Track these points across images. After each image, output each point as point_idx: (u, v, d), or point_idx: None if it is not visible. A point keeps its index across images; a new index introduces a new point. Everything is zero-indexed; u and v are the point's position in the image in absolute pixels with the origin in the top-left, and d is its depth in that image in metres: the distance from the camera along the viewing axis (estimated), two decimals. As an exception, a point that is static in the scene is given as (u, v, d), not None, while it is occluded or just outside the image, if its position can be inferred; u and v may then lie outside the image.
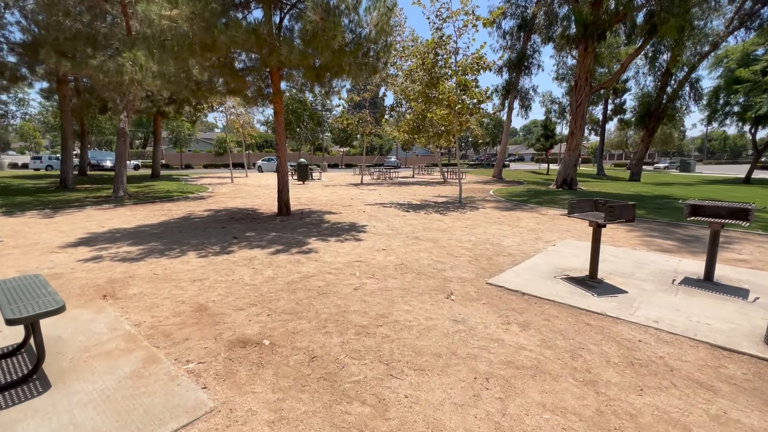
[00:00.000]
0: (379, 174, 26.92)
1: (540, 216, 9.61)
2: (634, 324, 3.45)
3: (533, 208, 11.15)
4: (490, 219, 9.11)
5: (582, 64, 16.99)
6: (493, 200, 13.10)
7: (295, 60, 7.00)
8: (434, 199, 13.23)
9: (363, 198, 13.37)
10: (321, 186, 18.67)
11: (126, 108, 12.54)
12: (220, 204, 11.38)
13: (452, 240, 6.83)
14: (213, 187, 17.64)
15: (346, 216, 9.28)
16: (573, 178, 18.14)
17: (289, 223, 8.18)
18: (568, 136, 18.31)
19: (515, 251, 6.07)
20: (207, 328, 3.33)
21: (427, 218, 9.10)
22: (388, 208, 10.70)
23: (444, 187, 19.04)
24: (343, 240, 6.73)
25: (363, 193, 14.98)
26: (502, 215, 9.70)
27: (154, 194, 13.49)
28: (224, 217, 8.97)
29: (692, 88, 31.66)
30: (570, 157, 18.15)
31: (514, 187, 18.63)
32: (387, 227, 7.94)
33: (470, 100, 10.90)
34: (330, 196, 13.74)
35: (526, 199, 13.39)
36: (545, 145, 36.19)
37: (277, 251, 5.91)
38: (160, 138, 22.25)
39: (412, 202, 12.23)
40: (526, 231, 7.73)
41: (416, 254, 5.82)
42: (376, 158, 59.59)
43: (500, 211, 10.50)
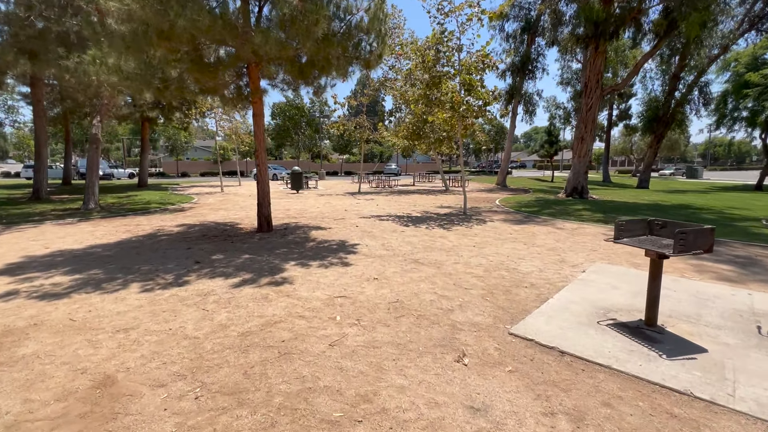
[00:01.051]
0: (378, 182, 25.84)
1: (557, 231, 8.46)
2: (744, 416, 2.29)
3: (547, 221, 10.00)
4: (500, 235, 7.96)
5: (592, 65, 15.96)
6: (501, 211, 11.96)
7: (272, 51, 5.92)
8: (436, 211, 12.10)
9: (358, 209, 12.24)
10: (315, 195, 17.57)
11: (99, 112, 11.49)
12: (199, 217, 10.26)
13: (459, 264, 5.68)
14: (200, 197, 16.55)
15: (336, 232, 8.14)
16: (584, 186, 17.01)
17: (268, 242, 7.04)
18: (578, 142, 17.21)
19: (538, 279, 4.91)
20: (94, 429, 2.17)
21: (428, 234, 7.96)
22: (384, 222, 9.56)
23: (446, 196, 17.92)
24: (328, 265, 5.58)
25: (359, 204, 13.86)
26: (513, 230, 8.55)
27: (131, 206, 12.38)
28: (196, 234, 7.84)
29: (701, 92, 30.67)
30: (580, 164, 17.03)
31: (521, 196, 17.49)
32: (382, 246, 6.80)
33: (476, 102, 9.81)
34: (323, 208, 12.62)
35: (536, 210, 12.24)
36: (549, 151, 35.12)
37: (243, 282, 4.76)
38: (147, 145, 21.25)
39: (412, 215, 11.10)
40: (545, 251, 6.57)
41: (415, 285, 4.67)
42: (376, 165, 58.59)
43: (511, 224, 9.36)
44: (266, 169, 7.73)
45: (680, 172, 54.58)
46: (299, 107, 36.11)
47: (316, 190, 20.85)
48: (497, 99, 10.32)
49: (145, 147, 21.21)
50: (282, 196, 16.79)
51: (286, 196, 17.22)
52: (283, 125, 36.61)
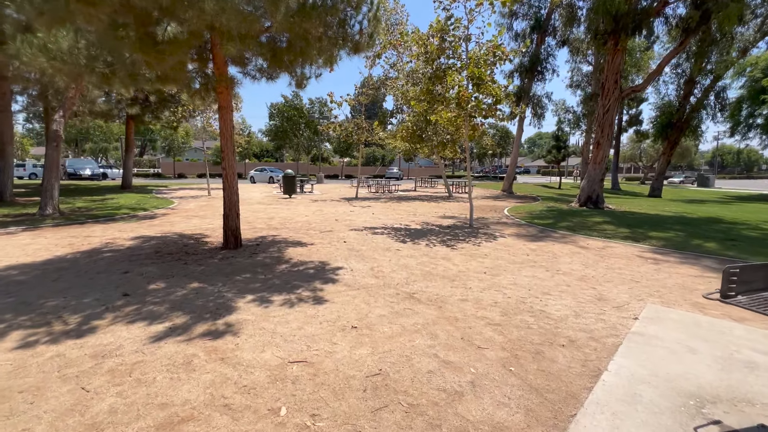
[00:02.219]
0: (378, 186, 24.54)
1: (581, 251, 7.11)
2: None
3: (566, 237, 8.65)
4: (516, 256, 6.61)
5: (611, 63, 14.65)
6: (511, 223, 10.61)
7: (233, 24, 4.63)
8: (438, 221, 10.76)
9: (351, 218, 10.92)
10: (308, 201, 16.26)
11: (63, 107, 10.24)
12: (166, 227, 8.96)
13: (468, 301, 4.34)
14: (182, 201, 15.27)
15: (318, 250, 6.82)
16: (599, 195, 15.65)
17: (230, 264, 5.72)
18: (594, 147, 15.87)
19: (577, 331, 3.57)
20: None
21: (428, 255, 6.62)
22: (378, 236, 8.23)
23: (450, 203, 16.58)
24: (295, 301, 4.25)
25: (353, 212, 12.54)
26: (530, 249, 7.19)
27: (98, 211, 11.10)
28: (149, 250, 6.52)
29: (717, 97, 29.28)
30: (596, 171, 15.67)
31: (530, 205, 16.13)
32: (370, 272, 5.46)
33: (485, 98, 8.49)
34: (311, 216, 11.30)
35: (551, 222, 10.88)
36: (557, 156, 33.76)
37: (170, 331, 3.44)
38: (132, 145, 20.04)
39: (411, 227, 9.76)
40: (574, 281, 5.22)
41: (408, 340, 3.33)
42: (378, 169, 57.37)
43: (526, 241, 8.01)
44: (234, 174, 6.42)
45: (690, 180, 53.06)
46: (298, 108, 34.90)
47: (310, 195, 19.56)
48: (510, 97, 9.01)
49: (129, 147, 19.98)
50: (271, 202, 15.49)
51: (276, 201, 15.92)
52: (281, 126, 35.38)
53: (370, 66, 19.35)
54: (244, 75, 6.84)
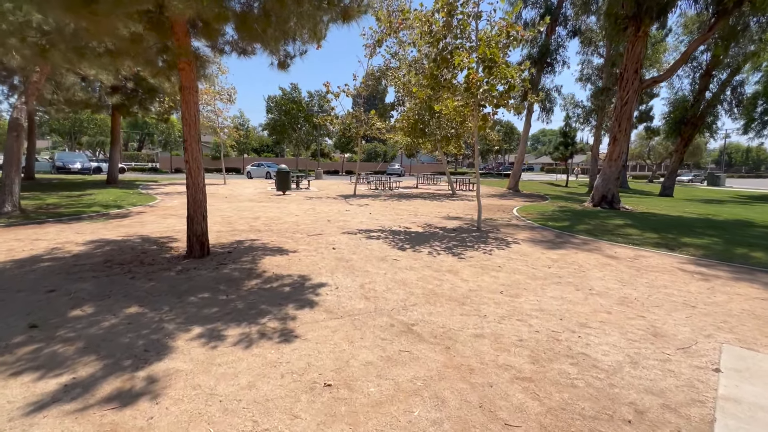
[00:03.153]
0: (378, 183, 23.45)
1: (611, 262, 6.04)
2: None
3: (588, 243, 7.58)
4: (535, 268, 5.55)
5: (631, 51, 13.48)
6: (523, 226, 9.54)
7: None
8: (442, 223, 9.69)
9: (345, 219, 9.86)
10: (302, 198, 15.20)
11: (26, 92, 9.19)
12: (134, 228, 7.92)
13: (484, 338, 3.29)
14: (166, 198, 14.24)
15: (301, 259, 5.77)
16: (615, 194, 14.54)
17: (188, 278, 4.68)
18: (609, 143, 14.74)
19: (639, 392, 2.51)
20: None
21: (432, 266, 5.57)
22: (373, 241, 7.17)
23: (454, 202, 15.49)
24: (255, 338, 3.21)
25: (349, 212, 11.48)
26: (550, 259, 6.13)
27: (66, 209, 10.07)
28: (100, 258, 5.49)
29: (734, 92, 27.98)
30: (611, 169, 14.56)
31: (540, 205, 15.03)
32: (360, 290, 4.42)
33: (499, 81, 7.36)
34: (302, 216, 10.25)
35: (567, 224, 9.81)
36: (565, 153, 32.55)
37: (62, 393, 2.40)
38: (118, 138, 18.97)
39: (411, 229, 8.70)
40: (615, 305, 4.17)
41: (403, 413, 2.28)
42: (379, 165, 56.22)
43: (543, 248, 6.94)
44: (199, 168, 5.36)
45: (699, 178, 51.75)
46: (296, 101, 33.73)
47: (306, 192, 18.50)
48: (526, 82, 7.91)
49: (115, 140, 18.92)
50: (262, 199, 14.44)
51: (267, 198, 14.87)
52: (279, 120, 34.27)
53: (369, 55, 18.27)
54: (214, 50, 5.76)
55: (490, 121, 7.90)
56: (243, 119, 49.21)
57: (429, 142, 20.94)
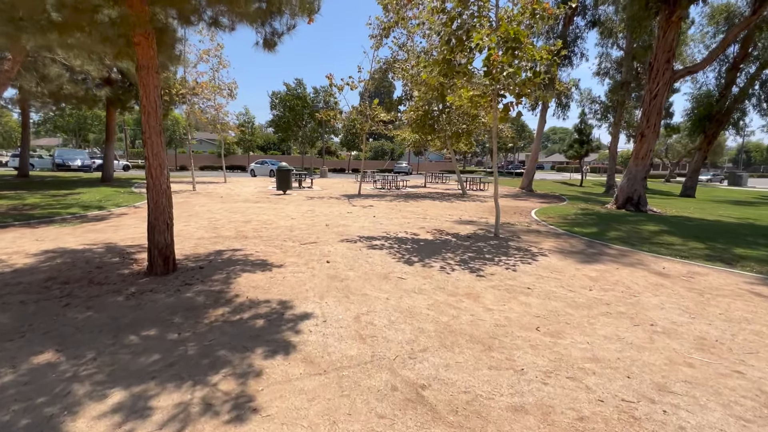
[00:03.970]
0: (384, 182, 22.41)
1: (664, 282, 4.95)
2: None
3: (626, 253, 6.48)
4: (573, 291, 4.49)
5: (662, 39, 12.25)
6: (546, 232, 8.45)
7: None
8: (455, 228, 8.64)
9: (346, 223, 8.86)
10: (302, 199, 14.24)
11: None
12: (105, 234, 7.01)
13: (527, 413, 2.25)
14: (159, 197, 13.37)
15: (286, 276, 4.78)
16: (641, 195, 13.33)
17: (138, 305, 3.71)
18: (636, 140, 13.53)
19: None
20: None
21: (446, 287, 4.54)
22: (376, 252, 6.16)
23: (465, 203, 14.39)
24: (197, 411, 2.21)
25: (351, 214, 10.48)
26: (588, 277, 5.06)
27: (44, 210, 9.23)
28: (43, 274, 4.55)
29: (763, 87, 26.36)
30: (638, 168, 13.35)
31: (558, 206, 13.87)
32: (354, 324, 3.41)
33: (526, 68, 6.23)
34: (299, 219, 9.27)
35: (595, 230, 8.69)
36: (580, 152, 31.26)
37: None
38: (113, 134, 18.17)
39: (420, 236, 7.67)
40: (693, 350, 3.10)
41: None
42: (386, 163, 55.18)
43: (576, 261, 5.86)
44: (161, 167, 4.39)
45: (718, 178, 49.81)
46: (301, 97, 32.78)
47: (308, 191, 17.54)
48: (554, 68, 6.80)
49: (110, 136, 18.12)
50: (260, 199, 13.51)
51: (265, 198, 13.93)
52: (283, 117, 33.37)
53: (375, 47, 17.25)
54: (183, 23, 4.77)
55: (512, 113, 6.79)
56: (249, 116, 48.53)
57: (438, 139, 19.85)
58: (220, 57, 18.64)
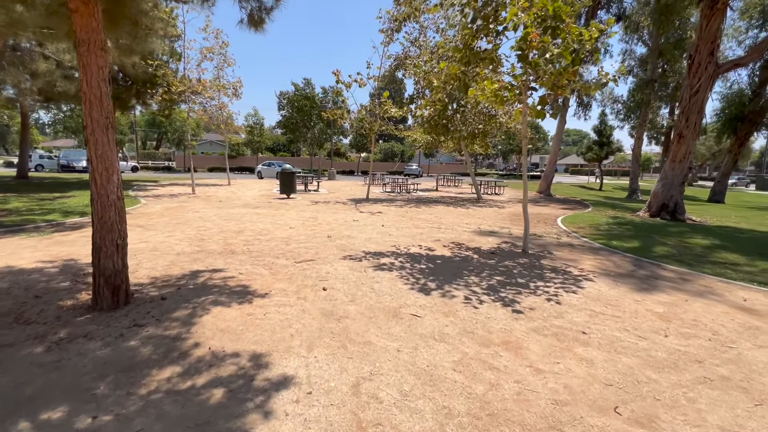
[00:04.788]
0: (394, 185, 21.35)
1: (754, 320, 3.80)
2: None
3: (687, 277, 5.33)
4: (644, 337, 3.38)
5: (705, 29, 10.99)
6: (580, 246, 7.31)
7: None
8: (475, 240, 7.56)
9: (351, 234, 7.84)
10: (306, 204, 13.28)
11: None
12: (70, 248, 6.09)
13: None
14: (155, 201, 12.55)
15: (267, 313, 3.77)
16: (678, 202, 12.06)
17: (59, 361, 2.73)
18: (674, 141, 12.27)
19: None
20: None
21: (474, 329, 3.47)
22: (384, 274, 5.11)
23: (482, 209, 13.26)
24: None
25: (357, 222, 9.46)
26: (655, 313, 3.94)
27: (18, 216, 8.41)
28: (-37, 306, 3.62)
29: (800, 84, 24.56)
30: (675, 172, 12.09)
31: (586, 214, 12.65)
32: (350, 400, 2.37)
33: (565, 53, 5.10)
34: (298, 229, 8.28)
35: (637, 245, 7.51)
36: (599, 154, 29.76)
37: None
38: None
39: (436, 251, 6.61)
40: None
41: None
42: (396, 165, 54.15)
43: (630, 289, 4.74)
44: (109, 169, 3.41)
45: (744, 182, 47.61)
46: (309, 97, 31.94)
47: (314, 195, 16.58)
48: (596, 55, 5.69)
49: (109, 135, 17.40)
50: (261, 204, 12.58)
51: (267, 203, 13.00)
52: (291, 117, 32.56)
53: (386, 43, 16.26)
54: None
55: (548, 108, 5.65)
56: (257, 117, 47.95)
57: (452, 141, 18.75)
58: (225, 55, 17.88)
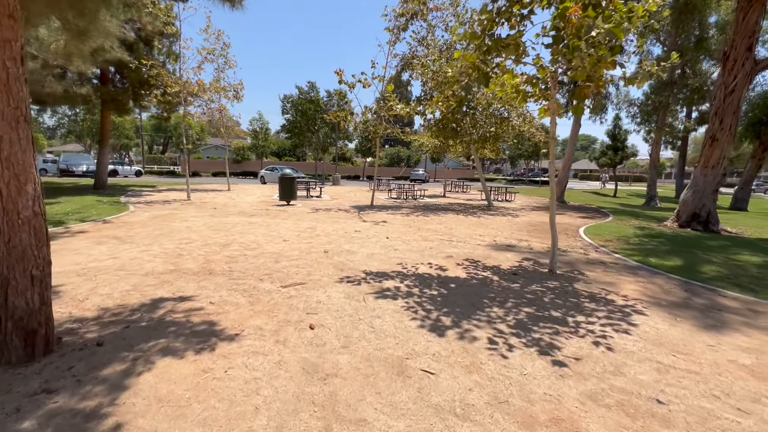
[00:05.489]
0: (400, 191, 20.45)
1: None
2: None
3: (757, 308, 4.34)
4: (741, 409, 2.42)
5: (742, 22, 10.02)
6: (613, 263, 6.33)
7: None
8: (492, 256, 6.62)
9: (351, 249, 6.95)
10: (306, 211, 12.43)
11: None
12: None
13: None
14: (146, 208, 11.79)
15: (229, 369, 2.87)
16: (711, 212, 11.02)
17: None
18: (706, 145, 11.26)
19: None
20: None
21: (509, 394, 2.55)
22: (387, 303, 4.21)
23: (494, 218, 12.30)
24: None
25: (359, 234, 8.57)
26: (743, 367, 2.98)
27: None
28: None
29: (826, 87, 23.37)
30: (707, 179, 11.06)
31: (610, 225, 11.63)
32: None
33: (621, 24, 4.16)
34: (292, 242, 7.41)
35: (679, 264, 6.52)
36: (614, 159, 28.67)
37: None
38: (106, 138, 16.74)
39: (448, 271, 5.69)
40: None
41: None
42: (402, 170, 53.34)
43: (696, 326, 3.78)
44: (22, 179, 2.57)
45: (763, 188, 46.00)
46: (314, 101, 31.27)
47: (316, 202, 15.74)
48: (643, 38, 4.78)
49: (104, 140, 16.72)
50: (257, 212, 11.74)
51: (264, 211, 12.17)
52: (295, 121, 31.87)
53: (392, 42, 15.49)
54: None
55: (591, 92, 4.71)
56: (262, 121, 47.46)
57: (461, 145, 17.84)
58: (226, 56, 17.21)
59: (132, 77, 14.76)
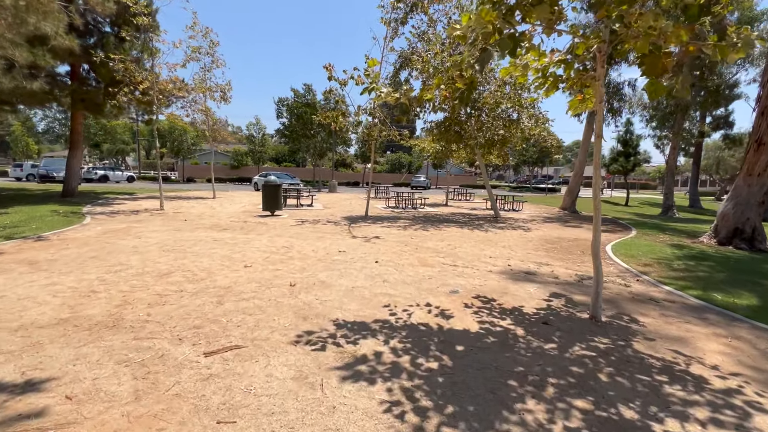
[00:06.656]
0: (398, 199, 18.92)
1: None
2: None
3: None
4: None
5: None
6: (669, 302, 4.80)
7: None
8: (509, 292, 5.10)
9: (329, 278, 5.43)
10: (290, 224, 10.92)
11: None
12: None
13: None
14: (100, 220, 10.32)
15: None
16: (757, 227, 9.48)
17: None
18: (751, 150, 9.73)
19: None
20: None
21: None
22: (359, 387, 2.69)
23: (503, 233, 10.74)
24: None
25: (346, 253, 7.05)
26: None
27: None
28: None
29: None
30: (751, 189, 9.52)
31: (638, 241, 10.07)
32: None
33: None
34: (254, 271, 5.90)
35: (754, 301, 4.97)
36: (626, 166, 27.13)
37: None
38: (79, 141, 15.30)
39: (454, 320, 4.16)
40: None
41: None
42: (403, 176, 51.92)
43: None
44: None
45: (776, 196, 44.33)
46: (310, 104, 29.91)
47: (305, 211, 14.23)
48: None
49: (74, 144, 15.27)
50: (231, 224, 10.24)
51: (241, 223, 10.66)
52: (291, 126, 30.51)
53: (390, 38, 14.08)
54: None
55: (670, 64, 3.24)
56: (259, 126, 46.13)
57: (464, 150, 16.38)
58: (214, 55, 15.86)
59: (103, 73, 13.37)
